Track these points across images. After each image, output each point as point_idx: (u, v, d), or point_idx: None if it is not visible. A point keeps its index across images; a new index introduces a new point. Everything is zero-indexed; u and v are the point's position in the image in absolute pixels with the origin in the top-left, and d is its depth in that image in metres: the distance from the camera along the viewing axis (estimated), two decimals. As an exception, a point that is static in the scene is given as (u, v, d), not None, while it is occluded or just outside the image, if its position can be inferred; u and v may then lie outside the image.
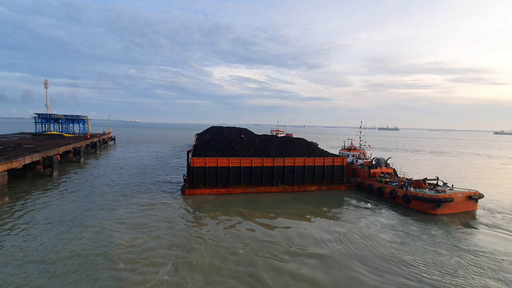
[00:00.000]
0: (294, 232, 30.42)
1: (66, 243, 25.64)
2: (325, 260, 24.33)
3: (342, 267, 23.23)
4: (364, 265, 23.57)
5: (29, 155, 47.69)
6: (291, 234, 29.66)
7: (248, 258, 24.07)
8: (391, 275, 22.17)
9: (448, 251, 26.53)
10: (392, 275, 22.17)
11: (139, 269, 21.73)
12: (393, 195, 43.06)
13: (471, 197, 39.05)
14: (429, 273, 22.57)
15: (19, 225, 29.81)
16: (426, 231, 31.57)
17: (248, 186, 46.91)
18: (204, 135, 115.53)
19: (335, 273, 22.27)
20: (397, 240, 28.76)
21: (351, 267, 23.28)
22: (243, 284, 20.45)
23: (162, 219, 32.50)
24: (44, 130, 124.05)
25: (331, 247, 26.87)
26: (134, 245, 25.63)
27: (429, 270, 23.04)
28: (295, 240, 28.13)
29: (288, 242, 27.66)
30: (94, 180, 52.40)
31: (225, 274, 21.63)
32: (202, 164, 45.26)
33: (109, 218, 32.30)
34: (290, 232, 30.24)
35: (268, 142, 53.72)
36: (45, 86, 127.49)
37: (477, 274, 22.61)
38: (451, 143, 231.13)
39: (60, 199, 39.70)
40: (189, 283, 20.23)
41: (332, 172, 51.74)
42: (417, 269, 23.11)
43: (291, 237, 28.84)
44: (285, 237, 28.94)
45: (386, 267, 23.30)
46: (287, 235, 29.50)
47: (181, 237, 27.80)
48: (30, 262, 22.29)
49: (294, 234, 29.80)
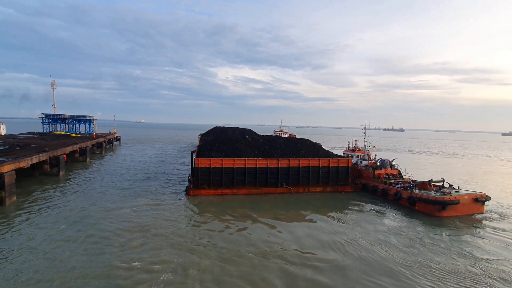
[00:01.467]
0: (302, 234, 30.06)
1: (71, 243, 25.88)
2: (337, 265, 23.75)
3: (355, 273, 22.63)
4: (376, 272, 22.87)
5: (36, 154, 48.35)
6: (298, 237, 29.27)
7: (258, 262, 23.79)
8: (406, 284, 21.51)
9: (462, 258, 25.50)
10: (407, 284, 21.53)
11: (143, 269, 21.85)
12: (398, 197, 42.76)
13: (478, 199, 38.58)
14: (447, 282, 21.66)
15: (27, 223, 30.24)
16: (435, 236, 30.69)
17: (253, 187, 46.92)
18: (207, 135, 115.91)
19: (349, 279, 21.70)
20: (406, 245, 27.90)
21: (367, 273, 22.65)
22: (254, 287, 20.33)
23: (167, 220, 32.70)
24: (51, 130, 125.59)
25: (342, 252, 26.25)
26: (139, 245, 25.79)
27: (445, 277, 22.33)
28: (304, 244, 27.73)
29: (296, 245, 27.27)
30: (100, 180, 52.93)
31: (235, 276, 21.55)
32: (206, 164, 45.40)
33: (114, 218, 32.58)
34: (298, 235, 29.88)
35: (273, 142, 53.71)
36: (52, 86, 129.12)
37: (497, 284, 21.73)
38: (459, 144, 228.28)
39: (66, 198, 40.18)
40: (196, 285, 20.26)
41: (337, 173, 51.55)
42: (432, 279, 22.16)
43: (299, 240, 28.45)
44: (293, 240, 28.59)
45: (399, 275, 22.46)
46: (294, 238, 29.16)
47: (187, 238, 27.95)
48: (37, 260, 22.67)
49: (301, 237, 29.42)
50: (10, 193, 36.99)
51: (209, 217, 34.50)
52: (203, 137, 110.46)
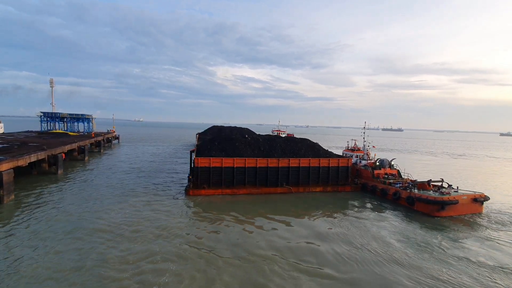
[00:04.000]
0: (303, 235, 29.74)
1: (68, 243, 25.61)
2: (338, 268, 23.32)
3: (358, 275, 22.42)
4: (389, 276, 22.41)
5: (35, 153, 48.14)
6: (300, 237, 28.98)
7: (259, 263, 23.45)
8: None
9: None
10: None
11: (142, 273, 21.49)
12: (397, 197, 42.87)
13: (477, 199, 38.72)
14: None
15: (24, 222, 30.06)
16: (434, 240, 30.32)
17: (253, 187, 46.85)
18: (205, 134, 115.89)
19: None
20: (414, 251, 27.01)
21: (368, 274, 22.51)
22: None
23: (167, 220, 32.53)
24: (50, 129, 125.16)
25: (345, 255, 25.59)
26: (137, 247, 25.58)
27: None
28: (306, 244, 27.43)
29: (298, 246, 26.97)
30: (98, 179, 52.72)
31: (237, 277, 21.40)
32: (206, 164, 45.26)
33: (112, 218, 32.30)
34: (299, 235, 29.57)
35: (273, 142, 53.66)
36: (51, 85, 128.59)
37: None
38: (462, 144, 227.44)
39: (64, 197, 40.01)
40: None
41: (337, 173, 51.57)
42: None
43: (301, 241, 28.16)
44: (295, 240, 28.24)
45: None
46: (296, 238, 28.82)
47: (188, 239, 27.77)
48: (35, 257, 22.56)
49: (303, 237, 29.12)
50: (9, 192, 36.83)
51: (210, 217, 34.17)
52: (201, 136, 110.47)
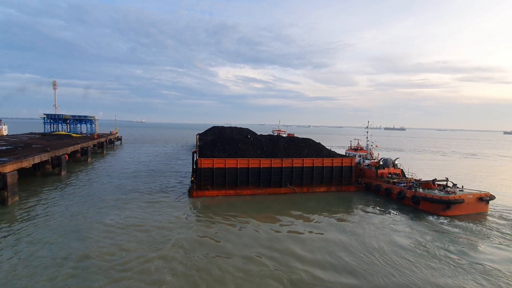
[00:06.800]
0: (309, 236, 29.50)
1: (72, 245, 25.58)
2: (345, 271, 22.89)
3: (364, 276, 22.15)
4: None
5: (38, 154, 48.32)
6: (305, 239, 28.71)
7: (267, 266, 23.16)
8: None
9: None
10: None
11: (143, 273, 21.40)
12: (402, 196, 42.57)
13: (482, 198, 38.41)
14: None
15: (29, 223, 30.08)
16: (444, 243, 29.42)
17: (257, 187, 46.64)
18: (205, 135, 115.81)
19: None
20: (421, 253, 26.51)
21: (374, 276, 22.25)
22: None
23: (171, 222, 32.37)
24: (53, 130, 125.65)
25: (349, 258, 25.16)
26: (140, 248, 25.45)
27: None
28: (310, 245, 27.22)
29: (303, 247, 26.72)
30: (100, 180, 52.76)
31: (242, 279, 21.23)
32: (209, 165, 45.06)
33: (115, 220, 32.20)
34: (305, 237, 29.29)
35: (275, 142, 53.45)
36: (54, 87, 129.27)
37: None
38: (468, 143, 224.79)
39: (68, 198, 40.03)
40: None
41: (341, 173, 51.31)
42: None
43: (305, 242, 27.91)
44: (300, 242, 28.00)
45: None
46: (301, 239, 28.61)
47: (192, 240, 27.64)
48: (37, 258, 22.59)
49: (308, 239, 28.84)
50: (13, 193, 36.91)
51: (214, 219, 33.85)
52: (201, 136, 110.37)
